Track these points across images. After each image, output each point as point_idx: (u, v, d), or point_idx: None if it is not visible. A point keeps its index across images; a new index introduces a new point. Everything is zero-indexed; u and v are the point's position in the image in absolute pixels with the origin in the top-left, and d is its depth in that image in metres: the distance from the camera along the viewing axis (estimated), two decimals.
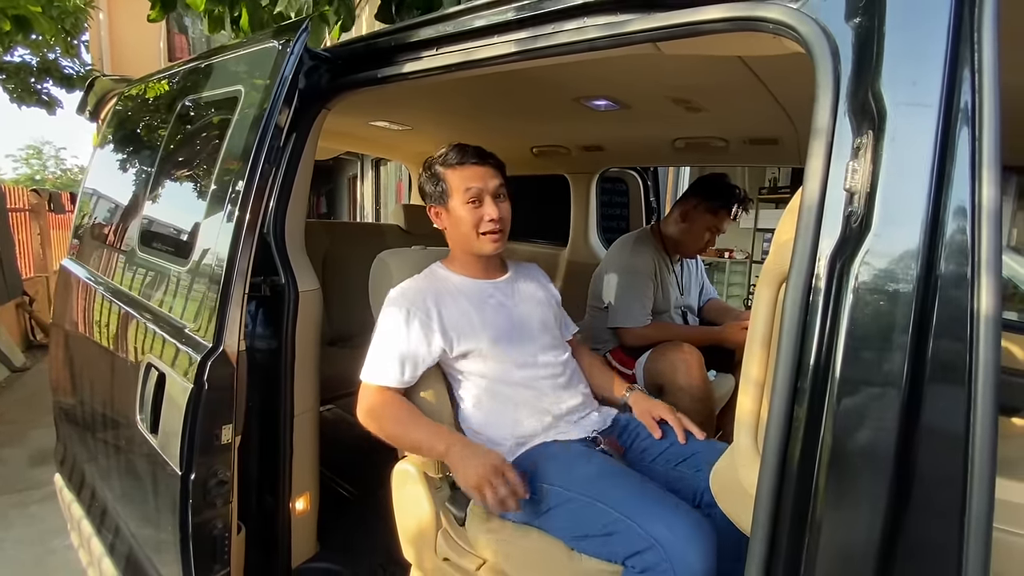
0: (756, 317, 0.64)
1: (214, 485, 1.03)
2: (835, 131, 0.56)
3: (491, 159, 1.21)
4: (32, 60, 8.33)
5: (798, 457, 0.52)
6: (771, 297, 0.63)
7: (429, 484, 1.17)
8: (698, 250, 1.96)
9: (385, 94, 1.81)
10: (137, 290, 1.30)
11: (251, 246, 1.03)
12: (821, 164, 0.56)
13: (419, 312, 1.13)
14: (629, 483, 0.97)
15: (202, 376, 0.97)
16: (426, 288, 1.17)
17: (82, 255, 1.73)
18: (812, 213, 0.55)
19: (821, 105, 0.57)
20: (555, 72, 1.42)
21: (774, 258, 0.64)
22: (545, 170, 2.77)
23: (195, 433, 0.97)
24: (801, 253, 0.55)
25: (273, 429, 1.28)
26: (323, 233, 2.52)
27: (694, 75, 1.28)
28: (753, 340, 0.64)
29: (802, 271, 0.54)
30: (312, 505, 1.42)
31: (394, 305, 1.14)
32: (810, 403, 0.52)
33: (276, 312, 1.29)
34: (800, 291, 0.54)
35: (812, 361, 0.52)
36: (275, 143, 1.04)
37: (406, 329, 1.11)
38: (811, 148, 0.57)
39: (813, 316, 0.53)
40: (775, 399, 0.54)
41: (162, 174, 1.34)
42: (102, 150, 1.77)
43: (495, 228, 1.16)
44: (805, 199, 0.56)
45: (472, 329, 1.15)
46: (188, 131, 1.32)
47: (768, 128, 1.76)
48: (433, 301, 1.15)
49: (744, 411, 0.64)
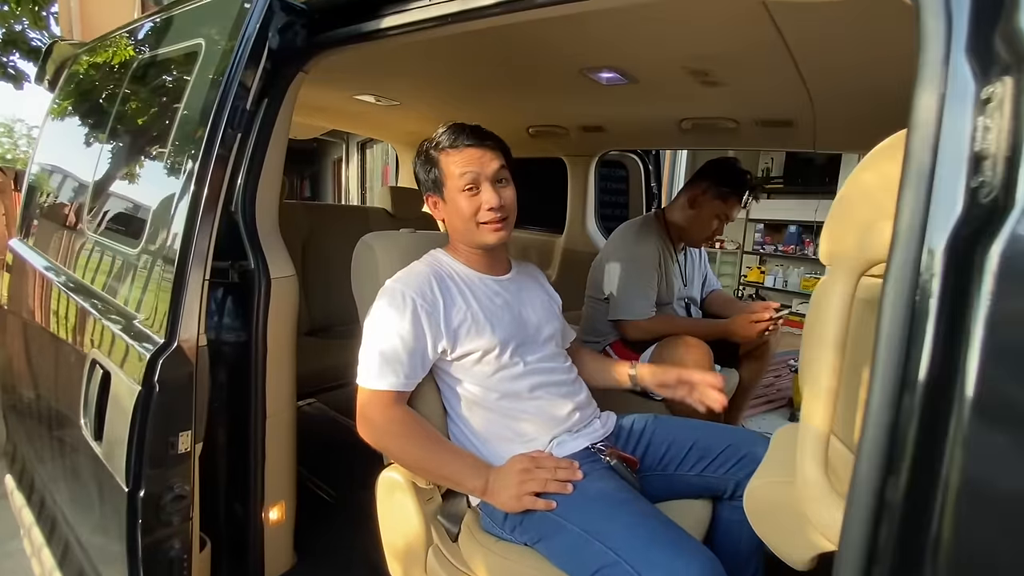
0: (824, 315, 0.52)
1: (170, 501, 0.90)
2: (948, 79, 0.43)
3: (490, 139, 1.07)
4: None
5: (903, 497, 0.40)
6: (846, 291, 0.51)
7: (418, 495, 1.04)
8: (705, 239, 1.85)
9: (370, 62, 1.65)
10: (85, 275, 1.14)
11: (211, 225, 0.88)
12: (930, 123, 0.43)
13: (424, 302, 0.98)
14: (632, 519, 0.86)
15: (152, 376, 0.83)
16: (429, 275, 1.02)
17: (30, 235, 1.56)
18: (920, 186, 0.43)
19: (930, 44, 0.44)
20: (559, 38, 1.28)
21: (850, 244, 0.52)
22: (542, 152, 2.63)
23: (145, 442, 0.83)
24: (906, 238, 0.42)
25: (242, 432, 1.14)
26: (303, 215, 2.36)
27: (716, 40, 1.15)
28: (821, 344, 0.52)
29: (908, 261, 0.42)
30: (288, 514, 1.29)
31: (393, 295, 0.99)
32: (922, 428, 0.40)
33: (246, 301, 1.14)
34: (906, 286, 0.42)
35: (924, 375, 0.40)
36: (239, 105, 0.89)
37: (411, 320, 0.97)
38: (915, 102, 0.45)
39: (923, 317, 0.41)
40: (871, 423, 0.42)
41: (114, 144, 1.18)
42: (53, 120, 1.59)
43: (495, 217, 1.03)
44: (910, 168, 0.44)
45: (477, 328, 1.02)
46: (142, 95, 1.16)
47: (784, 108, 1.65)
48: (438, 290, 1.01)
49: (810, 432, 0.52)
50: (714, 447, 1.04)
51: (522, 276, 1.19)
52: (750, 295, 6.51)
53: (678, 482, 1.05)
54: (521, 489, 0.91)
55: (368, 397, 0.95)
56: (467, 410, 1.03)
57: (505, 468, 0.95)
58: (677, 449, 1.06)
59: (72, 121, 1.47)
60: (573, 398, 1.07)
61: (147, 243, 0.95)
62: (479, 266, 1.10)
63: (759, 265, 6.50)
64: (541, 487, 0.91)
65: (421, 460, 0.97)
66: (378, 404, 0.95)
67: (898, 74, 1.18)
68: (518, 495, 0.91)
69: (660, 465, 1.06)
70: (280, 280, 1.16)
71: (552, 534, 0.89)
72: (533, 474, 0.92)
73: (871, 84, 1.31)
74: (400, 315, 0.96)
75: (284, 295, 1.17)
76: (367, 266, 1.16)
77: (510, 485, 0.92)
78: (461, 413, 1.04)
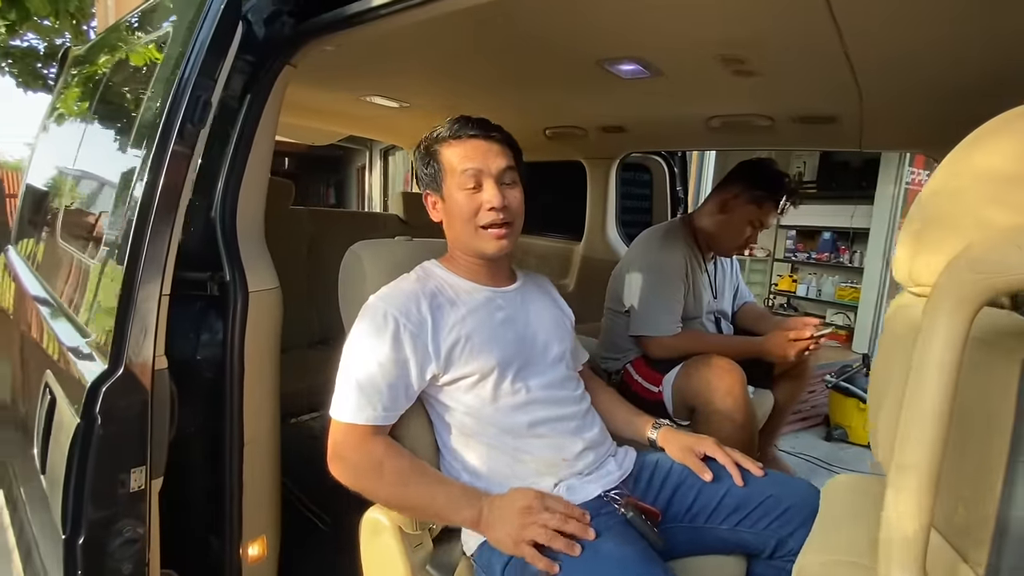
0: (921, 368, 0.37)
1: (119, 546, 0.79)
2: None
3: (496, 132, 0.95)
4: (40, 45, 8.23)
5: None
6: (956, 333, 0.36)
7: (405, 541, 0.91)
8: (737, 247, 1.68)
9: (375, 60, 1.55)
10: (55, 286, 1.06)
11: (168, 232, 0.77)
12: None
13: (408, 323, 0.86)
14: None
15: (93, 407, 0.72)
16: (418, 291, 0.90)
17: (20, 243, 1.50)
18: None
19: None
20: (573, 27, 1.16)
21: (961, 262, 0.36)
22: (560, 156, 2.49)
23: (84, 483, 0.72)
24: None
25: (215, 461, 1.03)
26: (309, 221, 2.27)
27: (753, 21, 1.00)
28: (914, 408, 0.37)
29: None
30: (270, 549, 1.17)
31: (374, 314, 0.87)
32: None
33: (223, 316, 1.04)
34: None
35: None
36: (201, 96, 0.78)
37: (392, 344, 0.84)
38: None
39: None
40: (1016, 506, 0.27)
41: (85, 147, 1.09)
42: (46, 124, 1.53)
43: (498, 219, 0.90)
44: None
45: (472, 348, 0.88)
46: (114, 94, 1.07)
47: (828, 102, 1.47)
48: (427, 308, 0.88)
49: (899, 531, 0.37)
50: (752, 497, 0.88)
51: (529, 288, 1.05)
52: (781, 304, 6.22)
53: (708, 536, 0.90)
54: (521, 533, 0.77)
55: (342, 432, 0.83)
56: (460, 444, 0.90)
57: (505, 500, 0.82)
58: (708, 497, 0.90)
59: (57, 126, 1.41)
60: (584, 434, 0.92)
61: (102, 253, 0.85)
62: (478, 277, 0.97)
63: (791, 273, 6.21)
64: (545, 539, 0.77)
65: (405, 499, 0.84)
66: (353, 440, 0.82)
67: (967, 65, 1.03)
68: (516, 539, 0.77)
69: (688, 515, 0.91)
70: (260, 293, 1.05)
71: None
72: (536, 518, 0.78)
73: (930, 77, 1.15)
74: (380, 338, 0.84)
75: (264, 309, 1.06)
76: (354, 278, 1.04)
77: (508, 523, 0.79)
78: (452, 446, 0.91)
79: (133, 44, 1.07)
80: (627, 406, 1.11)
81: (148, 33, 1.02)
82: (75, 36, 7.18)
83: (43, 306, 1.02)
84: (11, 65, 8.19)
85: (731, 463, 0.92)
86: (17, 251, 1.51)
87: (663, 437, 1.01)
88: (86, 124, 1.14)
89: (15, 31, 6.58)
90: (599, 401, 1.07)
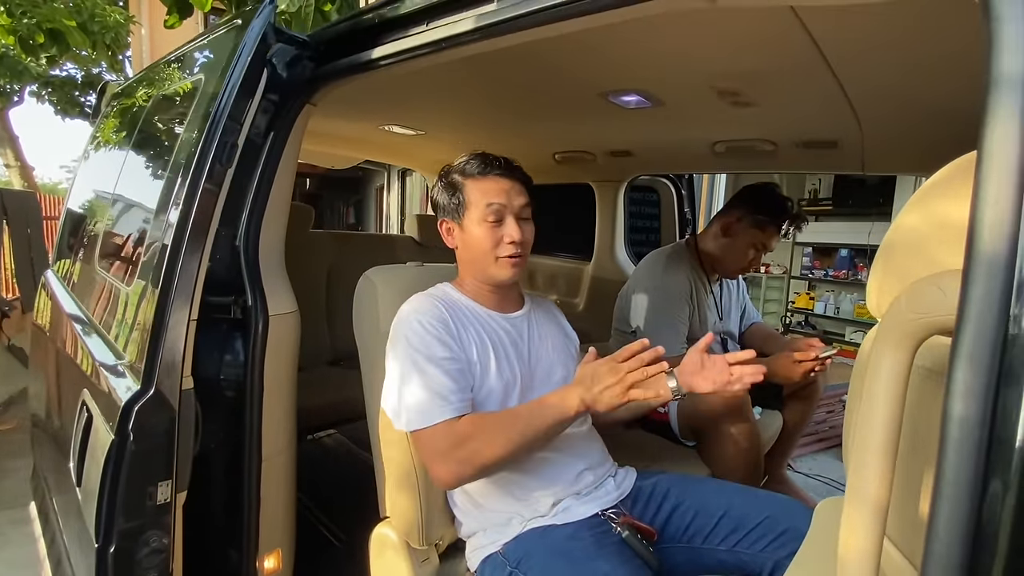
0: (873, 389, 0.41)
1: (146, 555, 0.84)
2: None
3: (519, 173, 1.02)
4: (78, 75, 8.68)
5: None
6: (899, 363, 0.39)
7: (412, 556, 0.95)
8: (740, 269, 1.71)
9: (393, 93, 1.64)
10: (92, 309, 1.14)
11: (197, 262, 0.84)
12: (1009, 147, 0.33)
13: (443, 327, 0.92)
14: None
15: (127, 425, 0.78)
16: (440, 306, 0.96)
17: (59, 267, 1.60)
18: (1001, 231, 0.32)
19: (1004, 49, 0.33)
20: (577, 62, 1.22)
21: (903, 303, 0.40)
22: (569, 178, 2.55)
23: (116, 495, 0.78)
24: (984, 294, 0.32)
25: (235, 477, 1.09)
26: (329, 244, 2.36)
27: (744, 57, 1.05)
28: (867, 425, 0.41)
29: (987, 325, 0.31)
30: (285, 563, 1.22)
31: (410, 323, 0.91)
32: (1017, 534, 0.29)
33: (245, 339, 1.10)
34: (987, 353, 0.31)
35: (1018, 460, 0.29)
36: (228, 140, 0.86)
37: (437, 343, 0.89)
38: (987, 126, 0.34)
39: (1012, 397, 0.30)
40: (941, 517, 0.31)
41: (124, 179, 1.18)
42: (88, 154, 1.64)
43: (516, 252, 0.96)
44: (981, 209, 0.33)
45: (482, 367, 0.93)
46: (152, 130, 1.16)
47: (827, 128, 1.51)
48: (452, 319, 0.94)
49: (854, 542, 0.40)
50: (750, 518, 0.90)
51: (536, 313, 1.10)
52: (799, 322, 6.14)
53: (705, 556, 0.92)
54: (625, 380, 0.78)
55: (430, 438, 0.85)
56: None
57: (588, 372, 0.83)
58: (706, 518, 0.93)
59: (97, 156, 1.51)
60: (584, 456, 0.96)
61: (138, 281, 0.92)
62: (488, 302, 1.03)
63: (808, 291, 6.14)
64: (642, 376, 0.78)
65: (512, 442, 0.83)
66: (440, 436, 0.85)
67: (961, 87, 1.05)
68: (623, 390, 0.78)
69: (685, 536, 0.93)
70: (279, 317, 1.11)
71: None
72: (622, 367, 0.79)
73: (925, 100, 1.17)
74: (423, 340, 0.89)
75: (284, 332, 1.13)
76: (368, 303, 1.10)
77: (606, 381, 0.79)
78: None
79: (170, 84, 1.16)
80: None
81: (184, 75, 1.11)
82: (111, 66, 7.55)
83: (80, 326, 1.10)
84: (50, 94, 8.63)
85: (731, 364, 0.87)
86: (56, 272, 1.61)
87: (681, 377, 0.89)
88: (125, 155, 1.23)
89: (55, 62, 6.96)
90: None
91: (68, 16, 5.20)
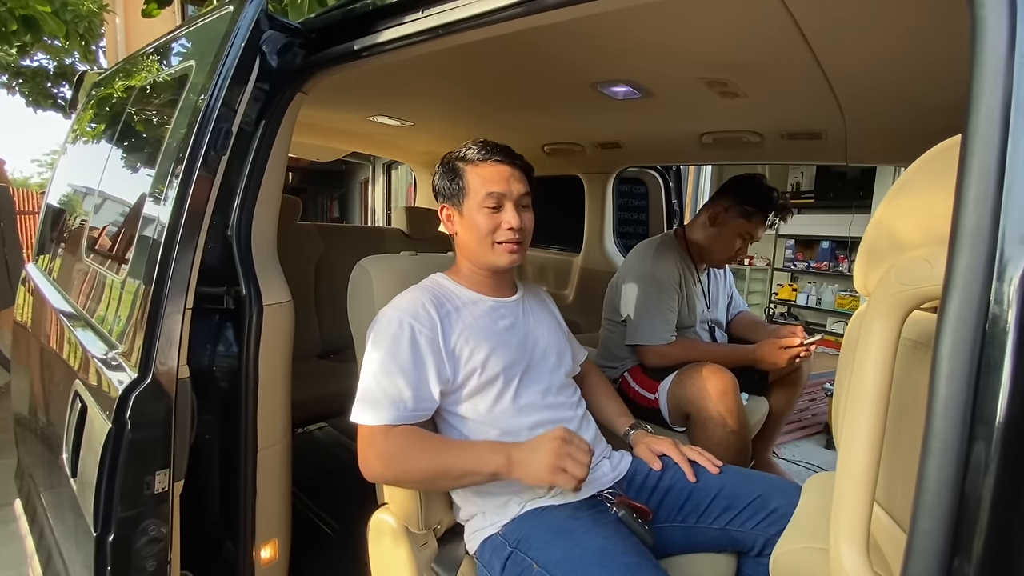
0: (863, 360, 0.43)
1: (144, 544, 0.84)
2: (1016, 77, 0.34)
3: (520, 161, 1.03)
4: (50, 65, 8.42)
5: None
6: (889, 334, 0.42)
7: (411, 541, 0.96)
8: (728, 259, 1.74)
9: (382, 83, 1.63)
10: (80, 301, 1.12)
11: (192, 251, 0.84)
12: (993, 132, 0.35)
13: (423, 328, 0.91)
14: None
15: (124, 413, 0.78)
16: (426, 299, 0.96)
17: (41, 259, 1.57)
18: (984, 204, 0.34)
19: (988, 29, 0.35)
20: (568, 52, 1.23)
21: (892, 276, 0.42)
22: (557, 170, 2.57)
23: (115, 483, 0.78)
24: (969, 265, 0.34)
25: (231, 466, 1.09)
26: (316, 237, 2.34)
27: (733, 48, 1.07)
28: (858, 394, 0.43)
29: (973, 293, 0.33)
30: (282, 552, 1.22)
31: (389, 323, 0.92)
32: (999, 497, 0.31)
33: (238, 328, 1.10)
34: (972, 323, 0.33)
35: (1000, 430, 0.31)
36: (223, 127, 0.85)
37: (409, 348, 0.89)
38: (972, 109, 0.36)
39: (996, 359, 0.32)
40: (928, 480, 0.33)
41: (111, 169, 1.16)
42: (67, 147, 1.61)
43: (514, 238, 0.97)
44: (968, 184, 0.35)
45: (478, 354, 0.94)
46: (139, 120, 1.15)
47: (812, 119, 1.54)
48: (436, 314, 0.94)
49: (846, 505, 0.43)
50: (742, 497, 0.93)
51: (529, 298, 1.11)
52: (782, 313, 6.26)
53: (699, 534, 0.95)
54: (556, 462, 0.78)
55: (368, 434, 0.87)
56: None
57: (533, 441, 0.83)
58: (700, 497, 0.96)
59: (80, 147, 1.48)
60: None
61: (130, 270, 0.92)
62: (483, 288, 1.04)
63: (791, 282, 6.26)
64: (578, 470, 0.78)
65: (435, 470, 0.85)
66: (378, 438, 0.86)
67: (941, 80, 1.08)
68: (552, 467, 0.78)
69: (679, 515, 0.96)
70: (274, 307, 1.11)
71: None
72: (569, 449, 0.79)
73: (909, 91, 1.21)
74: (397, 343, 0.89)
75: (277, 321, 1.12)
76: (362, 292, 1.10)
77: (543, 454, 0.79)
78: None
79: (157, 73, 1.14)
80: (617, 403, 1.18)
81: (171, 63, 1.09)
82: (84, 56, 7.35)
83: (69, 319, 1.09)
84: (21, 85, 8.37)
85: (684, 460, 0.99)
86: (38, 267, 1.57)
87: (634, 438, 1.09)
88: (110, 147, 1.21)
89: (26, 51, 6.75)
90: (596, 395, 1.15)
91: (42, 2, 5.05)
